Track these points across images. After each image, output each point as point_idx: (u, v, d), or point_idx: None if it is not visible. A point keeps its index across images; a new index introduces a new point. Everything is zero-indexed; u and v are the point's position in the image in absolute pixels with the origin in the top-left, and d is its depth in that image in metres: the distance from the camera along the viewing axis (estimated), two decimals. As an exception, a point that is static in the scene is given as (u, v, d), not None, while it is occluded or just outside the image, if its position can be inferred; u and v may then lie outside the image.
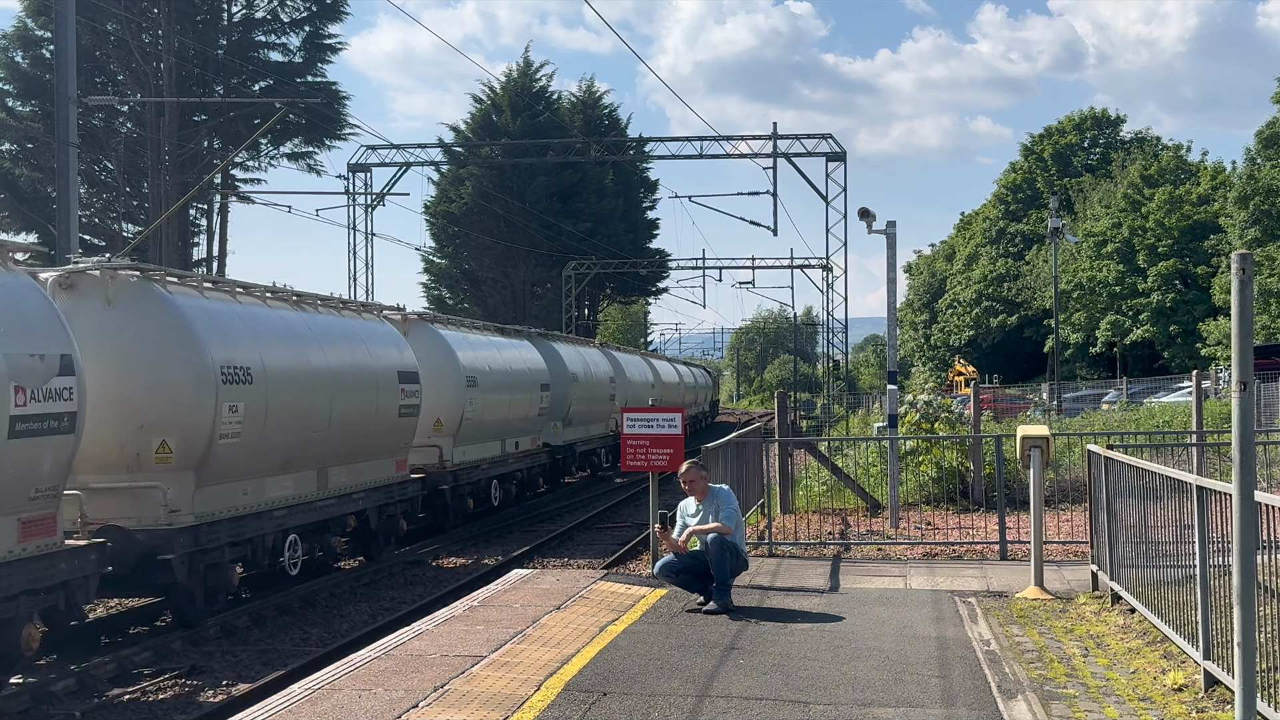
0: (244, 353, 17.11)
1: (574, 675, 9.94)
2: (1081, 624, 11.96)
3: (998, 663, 10.50)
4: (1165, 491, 10.38)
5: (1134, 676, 9.99)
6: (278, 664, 14.07)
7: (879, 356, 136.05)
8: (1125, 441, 19.55)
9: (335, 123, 46.89)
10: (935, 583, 14.49)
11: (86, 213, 42.42)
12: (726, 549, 11.82)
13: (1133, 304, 64.56)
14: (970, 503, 20.76)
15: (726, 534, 11.78)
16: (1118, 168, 75.92)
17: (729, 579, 11.92)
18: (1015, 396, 54.81)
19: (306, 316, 19.44)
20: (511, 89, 69.94)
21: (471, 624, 11.75)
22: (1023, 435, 13.95)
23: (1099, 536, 12.95)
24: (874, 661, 10.45)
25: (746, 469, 18.23)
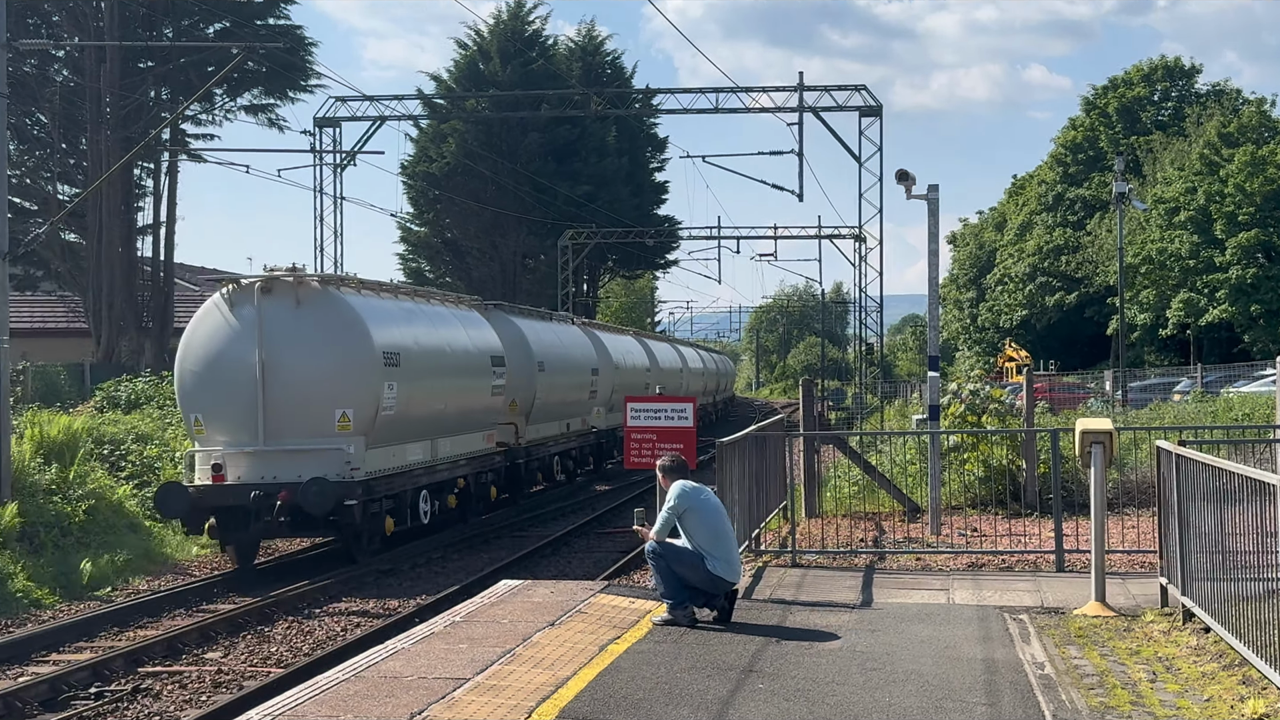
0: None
1: (570, 701, 9.86)
2: (1149, 645, 11.80)
3: (1053, 689, 10.36)
4: (1245, 494, 10.30)
5: (1208, 705, 9.92)
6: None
7: (919, 339, 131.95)
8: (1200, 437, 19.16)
9: (300, 71, 46.55)
10: (982, 597, 14.26)
11: (16, 172, 42.01)
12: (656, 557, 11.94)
13: (1209, 280, 63.74)
14: (1022, 506, 20.48)
15: (644, 539, 12.07)
16: (1192, 125, 75.44)
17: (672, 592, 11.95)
18: (1074, 385, 53.89)
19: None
20: (500, 33, 68.98)
21: (454, 641, 11.70)
22: (1082, 430, 13.76)
23: (1169, 546, 12.85)
24: (911, 687, 10.34)
25: (767, 467, 18.07)
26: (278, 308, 22.50)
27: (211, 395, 22.45)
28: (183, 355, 22.90)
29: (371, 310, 23.52)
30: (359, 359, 22.52)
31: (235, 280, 22.99)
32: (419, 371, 24.38)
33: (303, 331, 22.40)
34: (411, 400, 24.01)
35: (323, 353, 22.38)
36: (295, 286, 22.65)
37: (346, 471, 22.17)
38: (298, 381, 22.25)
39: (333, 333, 22.45)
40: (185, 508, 22.05)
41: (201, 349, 22.63)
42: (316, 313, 22.51)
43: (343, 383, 22.40)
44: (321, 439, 22.29)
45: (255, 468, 22.23)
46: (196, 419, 22.62)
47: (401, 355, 23.66)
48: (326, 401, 22.32)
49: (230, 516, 22.21)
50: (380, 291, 25.04)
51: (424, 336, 25.28)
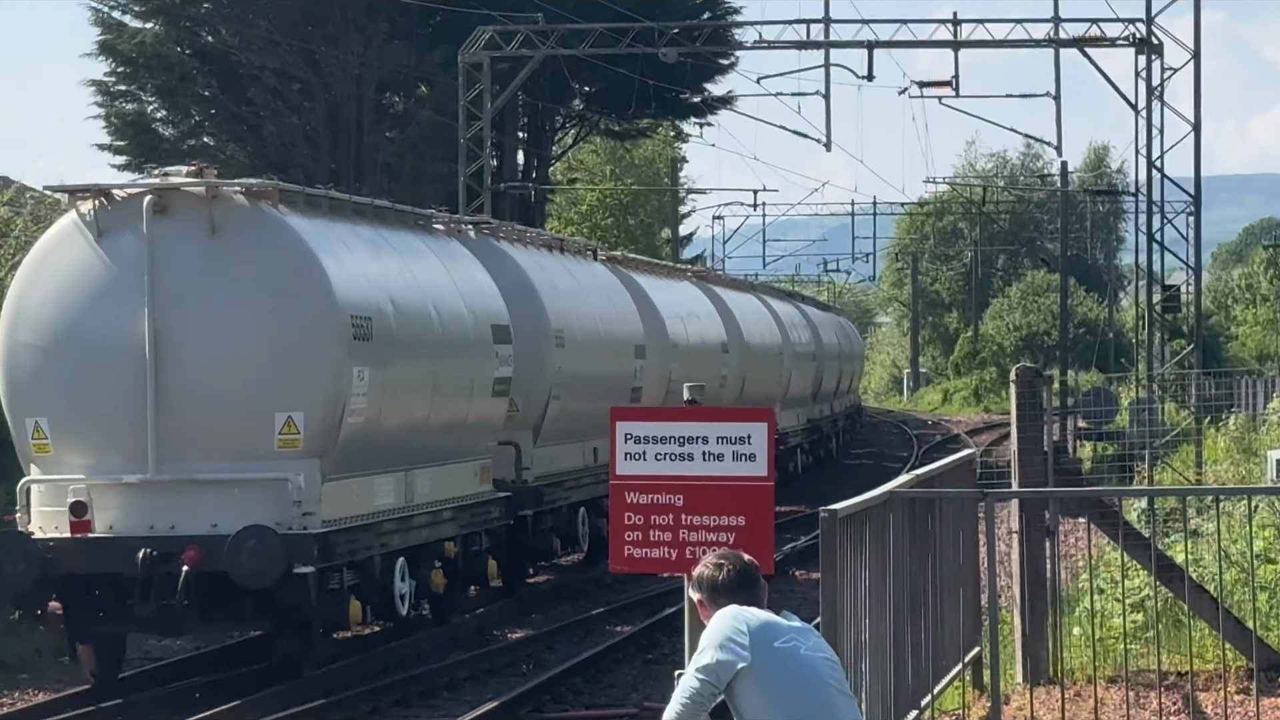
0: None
1: None
2: None
3: None
4: None
5: None
6: None
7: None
8: None
9: None
10: None
11: None
12: None
13: None
14: None
15: None
16: None
17: None
18: None
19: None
20: None
21: None
22: None
23: None
24: None
25: (937, 569, 12.82)
26: (180, 239, 16.80)
27: (64, 389, 16.67)
28: (12, 318, 16.93)
29: (326, 241, 17.49)
30: (315, 327, 16.82)
31: (103, 192, 16.91)
32: (397, 349, 18.28)
33: (222, 280, 16.76)
34: (386, 401, 17.93)
35: (256, 316, 16.73)
36: (208, 203, 16.86)
37: (295, 517, 16.48)
38: (214, 366, 16.66)
39: (272, 281, 16.76)
40: (29, 575, 16.19)
41: (47, 309, 16.79)
42: (244, 247, 16.80)
43: (289, 368, 16.75)
44: (253, 463, 16.72)
45: (141, 510, 16.59)
46: (37, 427, 16.81)
47: (374, 321, 17.77)
48: (261, 401, 16.69)
49: (93, 593, 16.54)
50: (325, 209, 18.50)
51: (399, 287, 18.90)
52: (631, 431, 10.24)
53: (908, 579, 12.07)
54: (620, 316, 28.52)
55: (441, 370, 19.61)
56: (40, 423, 16.90)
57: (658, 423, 10.34)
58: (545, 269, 25.86)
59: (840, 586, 10.31)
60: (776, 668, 7.65)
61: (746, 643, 7.57)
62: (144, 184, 17.27)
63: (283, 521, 16.50)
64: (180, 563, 16.21)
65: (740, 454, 10.25)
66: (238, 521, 16.42)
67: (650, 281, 32.23)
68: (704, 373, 31.74)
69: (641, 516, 10.22)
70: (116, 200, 17.01)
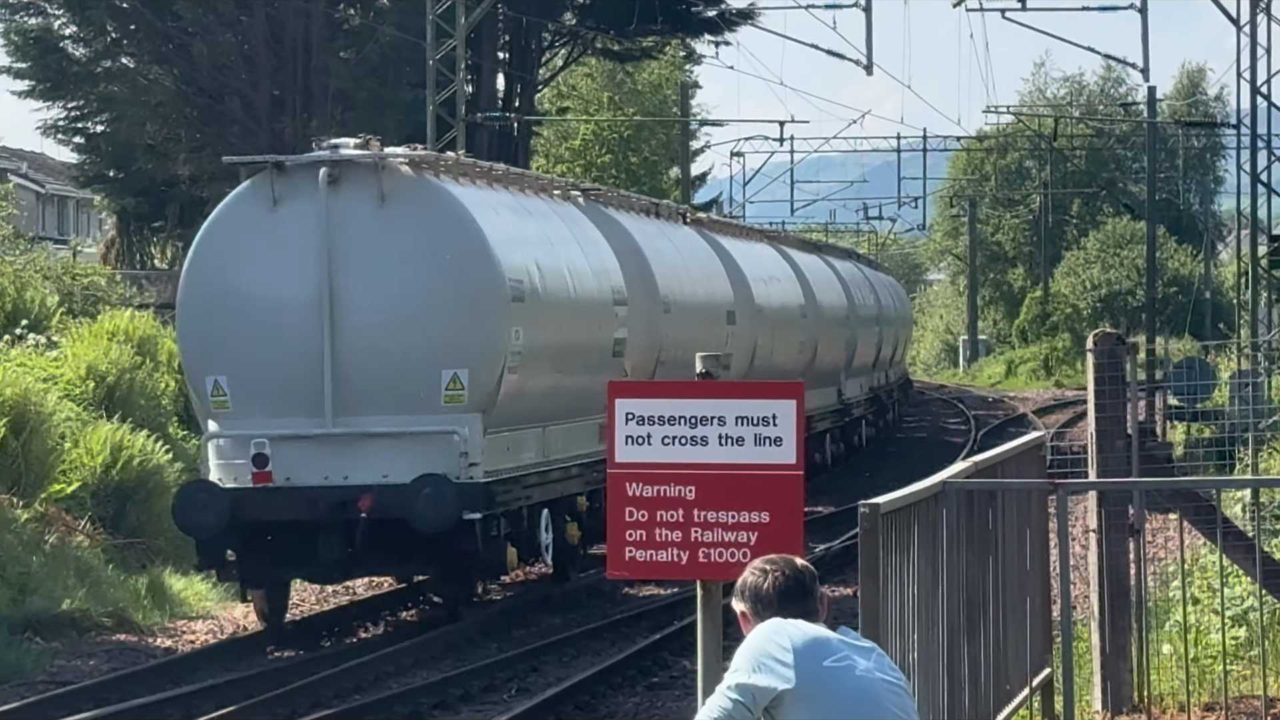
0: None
1: None
2: None
3: None
4: None
5: None
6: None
7: None
8: None
9: None
10: None
11: None
12: None
13: None
14: None
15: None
16: None
17: None
18: None
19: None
20: None
21: None
22: None
23: None
24: None
25: (1001, 571, 13.38)
26: (352, 207, 21.14)
27: (243, 349, 20.88)
28: (192, 283, 21.40)
29: (485, 211, 22.20)
30: (480, 290, 21.31)
31: (275, 163, 21.50)
32: (543, 310, 22.99)
33: (391, 245, 21.07)
34: (535, 359, 22.52)
35: (425, 280, 21.14)
36: (376, 173, 21.20)
37: (462, 468, 20.79)
38: (385, 326, 20.95)
39: (439, 247, 21.27)
40: (220, 522, 20.60)
41: (227, 274, 21.14)
42: (411, 215, 21.23)
43: (455, 329, 21.11)
44: (421, 417, 21.09)
45: (317, 461, 20.87)
46: (217, 385, 21.10)
47: (525, 285, 22.42)
48: (430, 359, 20.99)
49: (273, 539, 21.02)
50: (475, 177, 23.55)
51: (540, 252, 23.73)
52: (634, 410, 10.33)
53: (964, 587, 12.30)
54: (712, 282, 32.92)
55: (576, 330, 24.27)
56: (220, 380, 21.11)
57: (665, 399, 10.43)
58: (648, 235, 30.17)
59: (884, 597, 10.52)
60: (826, 692, 7.74)
61: (790, 661, 7.64)
62: (316, 156, 21.50)
63: (450, 472, 20.65)
64: (356, 510, 20.27)
65: (763, 437, 10.38)
66: (408, 472, 20.53)
67: (733, 244, 36.38)
68: (785, 340, 37.63)
69: (645, 512, 10.36)
70: (290, 171, 21.35)
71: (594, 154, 75.42)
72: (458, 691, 19.44)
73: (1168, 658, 16.54)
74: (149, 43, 52.15)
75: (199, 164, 51.93)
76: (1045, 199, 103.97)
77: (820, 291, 42.49)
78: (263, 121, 50.09)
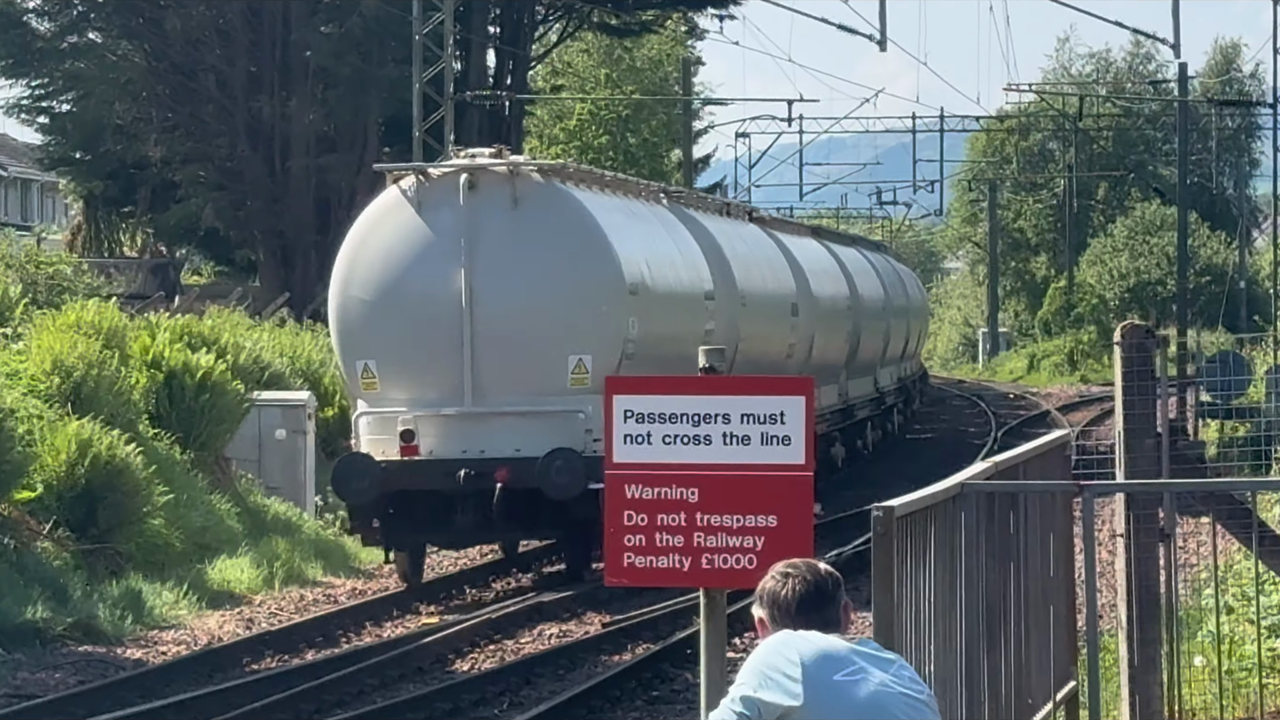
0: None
1: None
2: None
3: None
4: None
5: None
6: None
7: None
8: None
9: None
10: None
11: None
12: None
13: None
14: None
15: None
16: None
17: None
18: None
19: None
20: None
21: None
22: None
23: None
24: None
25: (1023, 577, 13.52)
26: (489, 210, 25.53)
27: (391, 335, 25.32)
28: (345, 276, 25.78)
29: (604, 213, 26.86)
30: (602, 285, 25.77)
31: (420, 169, 26.56)
32: (655, 306, 27.43)
33: (524, 245, 25.46)
34: (647, 346, 26.76)
35: (553, 275, 25.49)
36: (510, 179, 25.67)
37: (588, 443, 24.52)
38: (518, 317, 25.29)
39: (566, 247, 25.70)
40: (372, 490, 24.94)
41: (376, 269, 25.53)
42: (541, 218, 25.69)
43: (581, 319, 25.55)
44: (550, 397, 25.37)
45: (457, 437, 25.09)
46: (367, 368, 25.52)
47: (640, 280, 26.90)
48: (557, 346, 25.41)
49: (416, 506, 25.24)
50: (591, 182, 28.17)
51: (652, 253, 28.33)
52: (633, 408, 10.38)
53: (984, 595, 12.30)
54: (778, 277, 37.35)
55: (677, 321, 28.47)
56: (369, 364, 25.46)
57: (666, 396, 10.47)
58: (725, 233, 34.49)
59: (898, 605, 10.51)
60: (834, 707, 7.75)
61: (798, 676, 7.65)
62: (456, 164, 26.32)
63: (576, 446, 24.70)
64: (494, 480, 24.40)
65: (771, 436, 10.46)
66: (538, 446, 24.70)
67: (789, 240, 40.94)
68: (835, 332, 42.07)
69: (645, 516, 10.42)
70: (433, 177, 25.84)
71: (590, 135, 75.47)
72: (446, 706, 19.49)
73: (1200, 670, 16.54)
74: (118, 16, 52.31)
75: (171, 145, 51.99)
76: (1070, 183, 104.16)
77: (862, 284, 46.66)
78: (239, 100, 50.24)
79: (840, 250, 47.97)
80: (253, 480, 30.01)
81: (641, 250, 27.72)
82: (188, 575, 25.12)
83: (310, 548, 28.21)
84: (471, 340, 25.11)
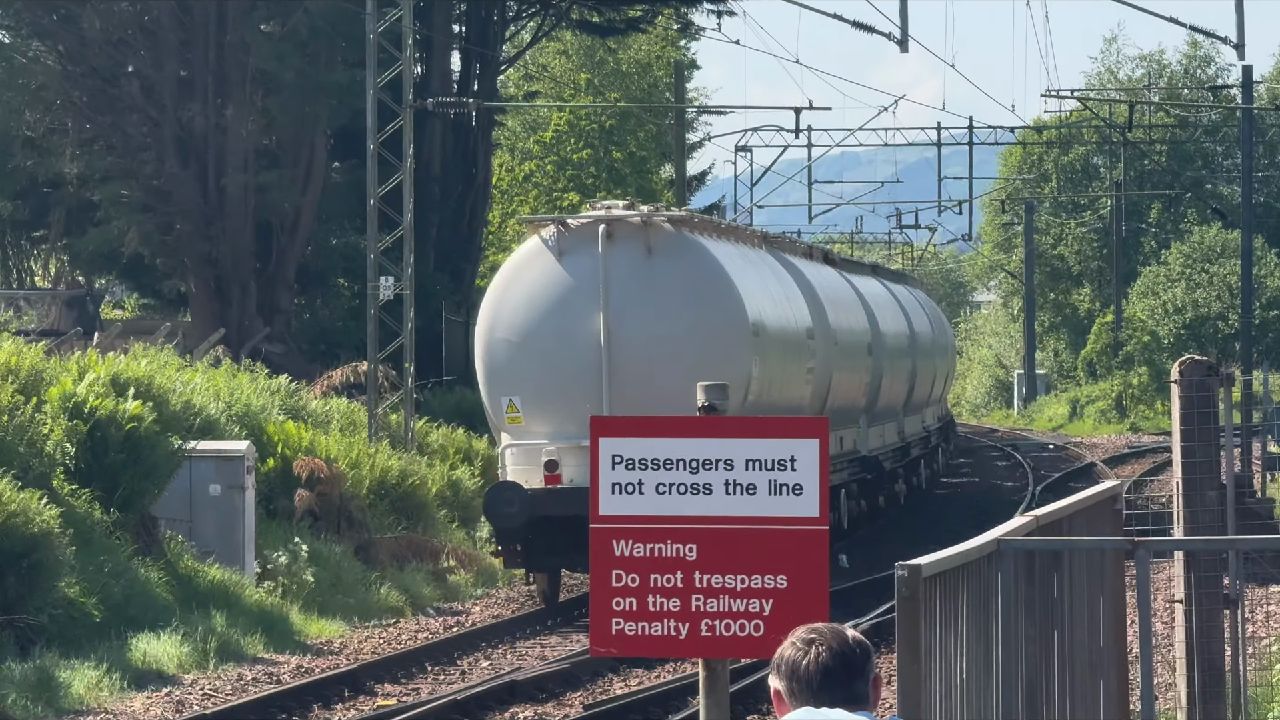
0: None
1: None
2: None
3: None
4: None
5: None
6: None
7: None
8: None
9: None
10: None
11: None
12: None
13: None
14: None
15: None
16: None
17: None
18: None
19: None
20: None
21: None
22: None
23: None
24: None
25: (1066, 651, 13.65)
26: (624, 258, 31.83)
27: (535, 373, 31.56)
28: (491, 319, 32.13)
29: (730, 261, 33.28)
30: (728, 327, 32.10)
31: (559, 220, 32.86)
32: (771, 346, 34.03)
33: (656, 290, 31.82)
34: (764, 384, 33.45)
35: (682, 317, 31.82)
36: (643, 229, 32.02)
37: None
38: (652, 356, 31.53)
39: (694, 292, 32.03)
40: (521, 515, 30.45)
41: (520, 312, 31.85)
42: (672, 265, 32.01)
43: (709, 356, 31.32)
44: None
45: None
46: (511, 404, 31.67)
47: (760, 323, 33.31)
48: (687, 382, 30.46)
49: (556, 532, 30.21)
50: (715, 231, 34.90)
51: (765, 296, 34.90)
52: (622, 452, 10.60)
53: (1023, 668, 12.33)
54: (858, 317, 45.14)
55: (787, 360, 35.46)
56: (514, 399, 31.50)
57: (660, 439, 10.72)
58: (814, 275, 41.81)
59: (925, 678, 10.55)
60: None
61: None
62: (594, 216, 32.38)
63: None
64: None
65: (780, 484, 10.80)
66: None
67: (858, 280, 49.17)
68: (898, 372, 49.70)
69: (637, 576, 10.68)
70: (573, 228, 32.18)
71: (569, 149, 75.44)
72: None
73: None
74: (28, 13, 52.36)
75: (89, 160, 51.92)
76: (1118, 203, 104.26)
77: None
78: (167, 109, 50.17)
79: (893, 287, 56.43)
80: (184, 543, 29.94)
81: (759, 293, 34.12)
82: (109, 652, 25.02)
83: (250, 619, 28.13)
84: (608, 377, 31.20)
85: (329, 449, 35.17)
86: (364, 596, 31.64)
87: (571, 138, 76.88)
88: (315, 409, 39.62)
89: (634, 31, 69.05)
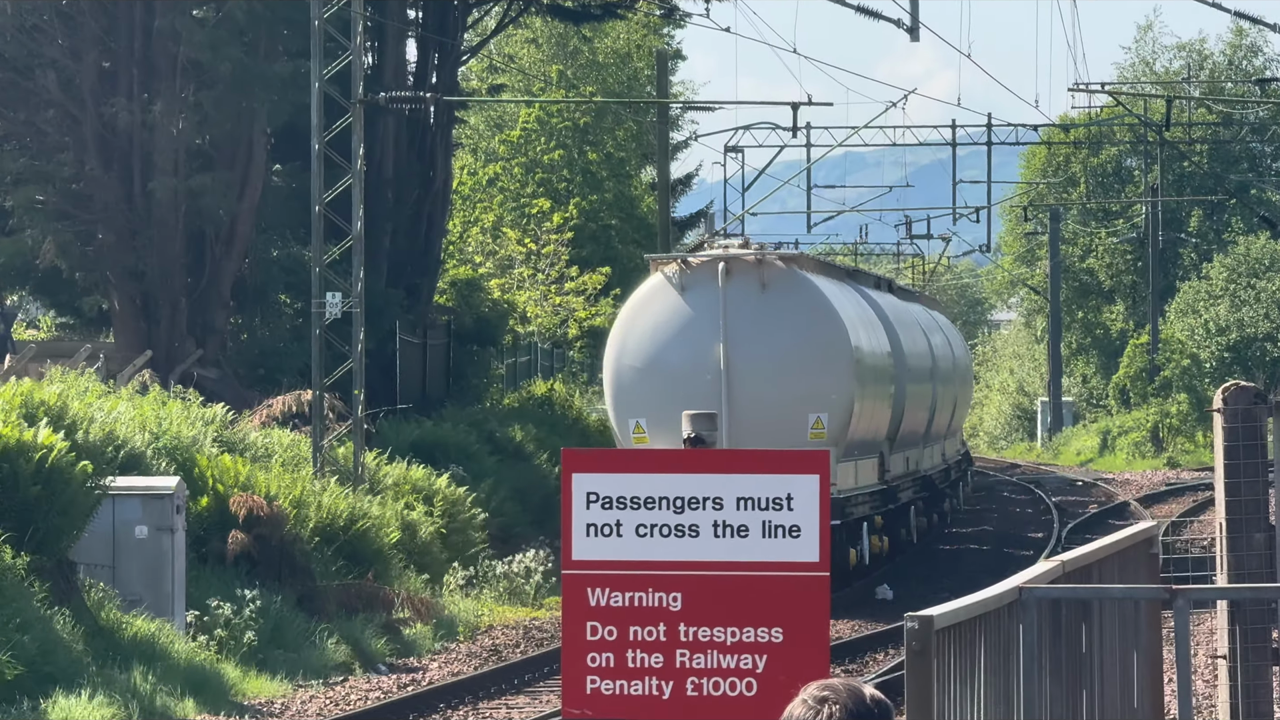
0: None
1: None
2: None
3: None
4: None
5: None
6: None
7: None
8: None
9: None
10: None
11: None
12: None
13: None
14: None
15: None
16: None
17: None
18: None
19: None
20: None
21: None
22: None
23: None
24: None
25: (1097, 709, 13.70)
26: (741, 293, 39.95)
27: (659, 397, 38.82)
28: (619, 348, 40.32)
29: (839, 298, 41.59)
30: (836, 356, 40.50)
31: (682, 258, 41.11)
32: (869, 372, 42.49)
33: (770, 322, 39.81)
34: (863, 412, 41.79)
35: (794, 347, 40.01)
36: (758, 267, 40.42)
37: None
38: (767, 383, 39.67)
39: (804, 324, 40.21)
40: None
41: (646, 341, 40.00)
42: (784, 300, 40.25)
43: (819, 382, 40.07)
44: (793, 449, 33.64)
45: None
46: (638, 425, 39.38)
47: (861, 352, 41.80)
48: (800, 407, 40.07)
49: None
50: (816, 269, 42.69)
51: (861, 325, 43.30)
52: (598, 489, 10.59)
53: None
54: (921, 345, 54.21)
55: (880, 387, 43.73)
56: (640, 421, 38.96)
57: (640, 475, 10.70)
58: (887, 306, 50.22)
59: None
60: None
61: None
62: (712, 254, 40.80)
63: None
64: None
65: (775, 526, 10.87)
66: None
67: (915, 309, 59.19)
68: (946, 400, 58.56)
69: (614, 628, 10.71)
70: (694, 265, 40.31)
71: (538, 148, 75.60)
72: None
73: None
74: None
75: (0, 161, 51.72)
76: (1153, 210, 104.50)
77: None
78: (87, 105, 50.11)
79: (935, 315, 66.09)
80: (106, 590, 29.88)
81: (857, 323, 41.95)
82: (21, 714, 24.97)
83: (180, 677, 28.15)
84: (727, 401, 38.39)
85: (269, 486, 35.07)
86: (308, 651, 31.51)
87: (541, 137, 77.25)
88: (254, 441, 39.62)
89: (611, 18, 69.26)
